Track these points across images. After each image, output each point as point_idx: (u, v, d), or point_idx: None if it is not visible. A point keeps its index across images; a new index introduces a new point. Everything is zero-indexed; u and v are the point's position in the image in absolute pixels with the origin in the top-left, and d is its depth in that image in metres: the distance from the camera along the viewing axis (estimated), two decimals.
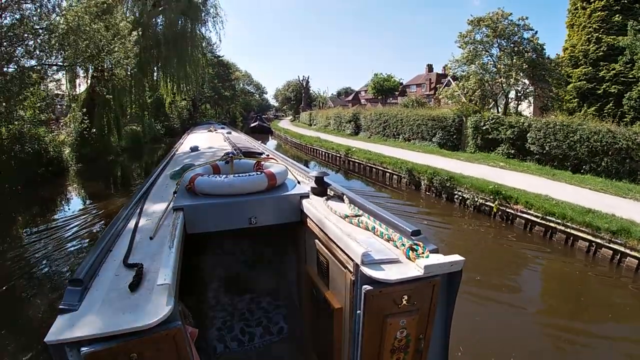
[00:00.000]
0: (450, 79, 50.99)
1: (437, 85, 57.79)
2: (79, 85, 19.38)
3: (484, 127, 15.41)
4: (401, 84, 48.35)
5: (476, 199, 9.75)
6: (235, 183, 2.68)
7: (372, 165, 14.34)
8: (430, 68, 62.55)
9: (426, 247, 1.98)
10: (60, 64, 10.94)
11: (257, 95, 73.02)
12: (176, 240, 2.04)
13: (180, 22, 19.10)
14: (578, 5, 21.79)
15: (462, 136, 17.47)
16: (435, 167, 11.85)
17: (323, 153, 19.68)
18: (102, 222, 9.40)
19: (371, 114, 21.98)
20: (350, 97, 71.38)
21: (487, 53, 17.82)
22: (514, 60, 17.12)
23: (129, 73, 17.40)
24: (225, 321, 3.73)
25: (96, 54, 11.02)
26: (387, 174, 13.28)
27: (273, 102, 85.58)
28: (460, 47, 18.85)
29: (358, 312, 1.90)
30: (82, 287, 1.61)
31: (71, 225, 8.93)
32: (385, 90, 36.74)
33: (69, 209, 10.85)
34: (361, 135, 23.36)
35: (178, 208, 2.56)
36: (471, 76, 17.24)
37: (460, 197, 10.27)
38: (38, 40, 10.17)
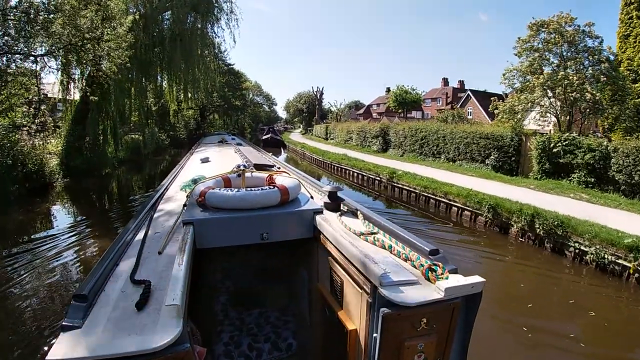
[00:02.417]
0: (470, 94, 49.02)
1: (446, 99, 56.48)
2: (73, 87, 17.03)
3: (554, 150, 12.79)
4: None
5: (603, 255, 6.87)
6: (247, 197, 2.61)
7: (429, 196, 11.32)
8: (445, 82, 61.13)
9: (445, 267, 1.91)
10: (25, 50, 8.18)
11: (267, 107, 70.85)
12: (185, 256, 1.95)
13: (189, 18, 16.49)
14: (633, 14, 19.35)
15: (521, 158, 14.89)
16: (521, 201, 9.03)
17: (356, 175, 16.54)
18: (80, 263, 6.82)
19: (404, 129, 19.18)
20: (361, 111, 69.49)
21: (551, 62, 15.23)
22: (589, 71, 14.49)
23: (130, 75, 14.77)
24: (232, 336, 3.61)
25: (80, 44, 8.31)
26: (454, 209, 10.28)
27: (281, 114, 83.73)
28: (517, 55, 16.31)
29: (375, 335, 1.84)
30: (86, 303, 1.55)
31: (33, 266, 6.18)
32: (407, 103, 34.05)
33: (39, 240, 8.05)
34: (391, 152, 20.56)
35: (188, 222, 2.48)
36: (536, 88, 14.51)
37: (577, 250, 7.36)
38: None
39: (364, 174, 15.46)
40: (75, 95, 16.73)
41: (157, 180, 16.01)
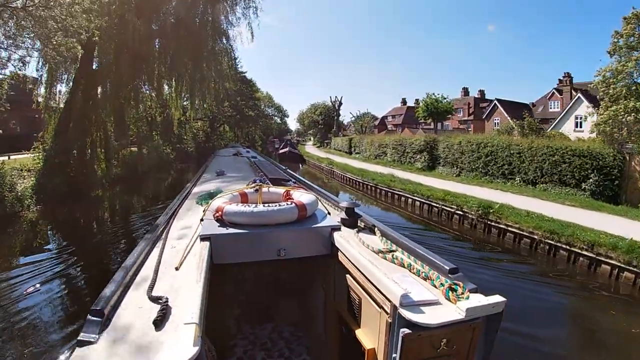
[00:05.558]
0: (497, 103, 45.31)
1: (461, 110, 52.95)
2: (59, 92, 13.94)
3: None
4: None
5: None
6: (265, 214, 2.60)
7: (559, 245, 7.51)
8: (466, 92, 57.96)
9: (466, 286, 1.86)
10: None
11: (278, 119, 67.86)
12: (203, 273, 1.94)
13: (199, 7, 13.25)
14: None
15: (624, 182, 11.43)
16: None
17: (418, 204, 12.47)
18: None
19: (461, 143, 15.60)
20: (376, 122, 66.43)
21: None
22: None
23: (119, 71, 11.51)
24: (246, 350, 3.56)
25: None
26: (605, 267, 6.44)
27: (292, 126, 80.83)
28: (609, 53, 12.83)
29: (394, 355, 1.80)
30: (103, 319, 1.53)
31: None
32: (439, 112, 30.47)
33: None
34: (441, 170, 16.95)
35: (205, 238, 2.48)
36: None
37: None
38: None
39: (435, 204, 11.42)
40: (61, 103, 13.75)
41: (160, 201, 12.87)
